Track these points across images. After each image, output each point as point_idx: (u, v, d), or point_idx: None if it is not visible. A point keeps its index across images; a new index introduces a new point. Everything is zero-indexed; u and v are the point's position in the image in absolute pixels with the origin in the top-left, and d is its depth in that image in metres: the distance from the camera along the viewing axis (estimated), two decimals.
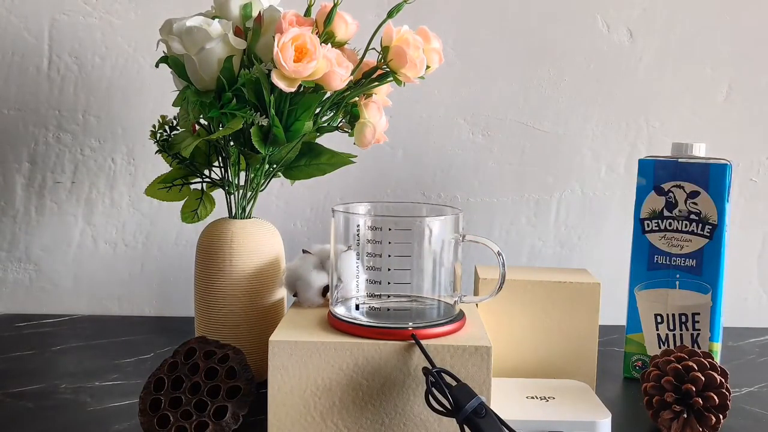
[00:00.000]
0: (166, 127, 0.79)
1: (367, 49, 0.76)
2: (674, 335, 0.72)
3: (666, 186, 0.72)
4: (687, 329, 0.72)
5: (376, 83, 0.77)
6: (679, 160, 0.72)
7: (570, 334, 0.75)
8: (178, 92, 0.79)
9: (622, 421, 0.70)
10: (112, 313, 1.06)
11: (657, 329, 0.73)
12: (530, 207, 1.09)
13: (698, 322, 0.71)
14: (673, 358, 0.68)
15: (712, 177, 0.70)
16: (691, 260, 0.71)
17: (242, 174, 0.80)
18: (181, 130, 0.79)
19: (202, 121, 0.78)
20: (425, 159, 1.07)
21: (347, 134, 0.80)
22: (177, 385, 0.63)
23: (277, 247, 0.79)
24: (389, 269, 0.61)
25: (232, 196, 0.80)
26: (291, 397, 0.60)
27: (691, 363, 0.66)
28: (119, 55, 1.03)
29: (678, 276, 0.71)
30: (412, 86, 0.79)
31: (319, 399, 0.60)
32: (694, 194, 0.70)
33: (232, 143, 0.78)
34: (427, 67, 0.76)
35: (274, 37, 0.69)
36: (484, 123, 1.07)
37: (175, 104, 0.79)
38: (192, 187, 0.81)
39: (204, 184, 0.82)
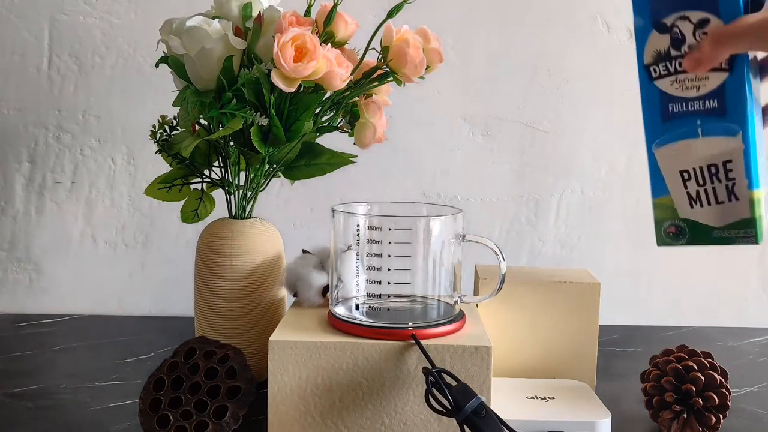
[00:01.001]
0: (166, 127, 0.79)
1: (367, 49, 0.76)
2: (706, 191, 0.60)
3: (668, 20, 0.59)
4: (720, 181, 0.59)
5: (376, 83, 0.77)
6: None
7: (570, 334, 0.75)
8: (178, 92, 0.79)
9: (622, 421, 0.70)
10: (112, 313, 1.06)
11: (686, 187, 0.61)
12: (530, 207, 1.09)
13: (731, 170, 0.58)
14: (673, 358, 0.68)
15: None
16: (711, 101, 0.58)
17: (242, 174, 0.80)
18: (181, 130, 0.79)
19: (202, 121, 0.78)
20: (425, 159, 1.07)
21: (347, 134, 0.80)
22: (177, 385, 0.63)
23: (277, 247, 0.79)
24: (389, 269, 0.61)
25: (232, 196, 0.80)
26: (291, 397, 0.60)
27: (691, 363, 0.66)
28: (119, 55, 1.03)
29: (699, 122, 0.59)
30: (412, 86, 0.79)
31: (319, 399, 0.60)
32: (702, 23, 0.57)
33: (232, 143, 0.78)
34: (427, 67, 0.76)
35: (274, 37, 0.69)
36: (484, 123, 1.07)
37: (175, 104, 0.79)
38: (192, 187, 0.81)
39: (204, 184, 0.82)
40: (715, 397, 0.64)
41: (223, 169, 0.80)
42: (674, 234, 0.64)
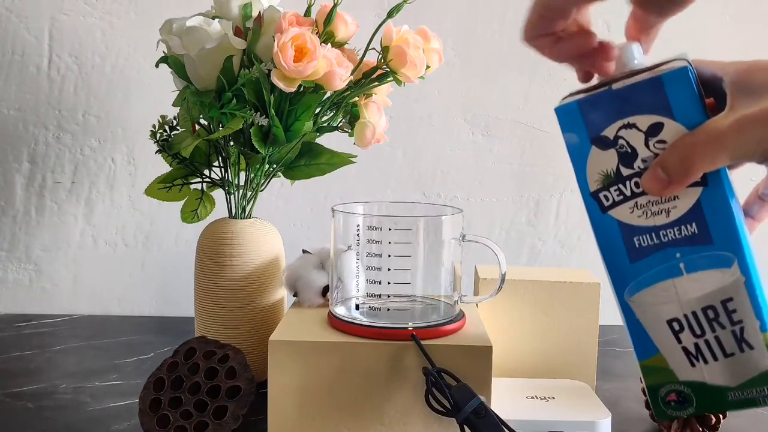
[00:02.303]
0: (166, 127, 0.79)
1: (367, 49, 0.76)
2: (707, 342, 0.45)
3: (609, 132, 0.45)
4: (723, 327, 0.44)
5: (376, 83, 0.77)
6: (613, 86, 0.44)
7: (570, 334, 0.75)
8: (178, 92, 0.79)
9: (622, 421, 0.70)
10: (112, 313, 1.06)
11: (679, 341, 0.46)
12: (530, 207, 1.09)
13: (734, 311, 0.44)
14: None
15: (671, 93, 0.43)
16: (689, 226, 0.44)
17: (242, 174, 0.80)
18: (181, 130, 0.79)
19: (202, 121, 0.78)
20: (425, 159, 1.07)
21: (347, 134, 0.80)
22: (177, 385, 0.63)
23: (277, 247, 0.79)
24: (389, 269, 0.61)
25: (232, 196, 0.80)
26: (291, 397, 0.60)
27: None
28: (119, 55, 1.03)
29: (679, 255, 0.45)
30: (412, 86, 0.79)
31: (319, 399, 0.60)
32: (655, 129, 0.43)
33: (232, 143, 0.78)
34: (427, 67, 0.76)
35: (274, 37, 0.69)
36: (484, 123, 1.07)
37: (175, 104, 0.79)
38: (192, 187, 0.81)
39: (204, 184, 0.82)
40: None
41: (223, 169, 0.80)
42: (676, 402, 0.48)
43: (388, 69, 0.75)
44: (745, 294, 0.44)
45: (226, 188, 0.80)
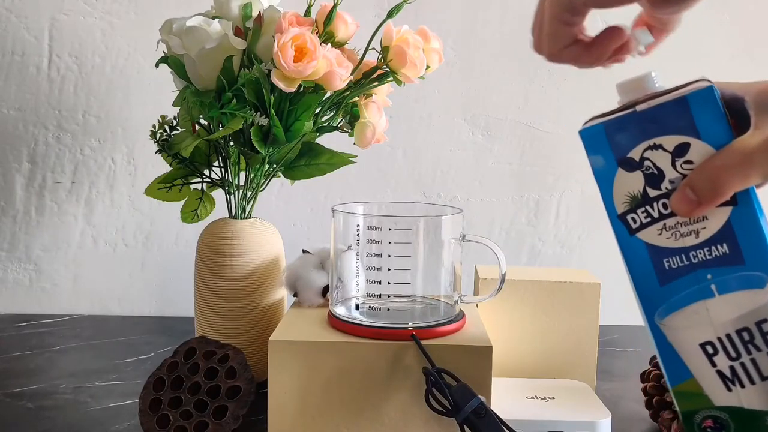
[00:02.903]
0: (166, 127, 0.79)
1: (367, 49, 0.76)
2: (743, 365, 0.44)
3: (635, 154, 0.45)
4: (759, 349, 0.43)
5: (376, 83, 0.77)
6: (638, 108, 0.44)
7: (570, 334, 0.75)
8: (178, 92, 0.79)
9: (622, 421, 0.70)
10: (112, 313, 1.06)
11: (714, 365, 0.45)
12: (530, 207, 1.09)
13: None
14: None
15: (697, 112, 0.43)
16: (719, 247, 0.44)
17: (242, 174, 0.80)
18: (181, 130, 0.79)
19: (202, 121, 0.78)
20: (425, 159, 1.07)
21: (347, 134, 0.80)
22: (177, 385, 0.63)
23: (277, 247, 0.79)
24: (389, 269, 0.61)
25: (232, 196, 0.80)
26: (291, 397, 0.60)
27: None
28: (119, 55, 1.03)
29: (710, 276, 0.44)
30: (412, 86, 0.79)
31: (319, 399, 0.60)
32: (681, 150, 0.43)
33: (232, 143, 0.78)
34: (427, 67, 0.76)
35: (274, 37, 0.69)
36: (484, 123, 1.07)
37: (175, 104, 0.79)
38: (192, 187, 0.81)
39: (204, 184, 0.82)
40: None
41: (223, 169, 0.80)
42: (713, 429, 0.47)
43: (388, 69, 0.75)
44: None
45: (226, 188, 0.80)
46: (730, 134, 0.42)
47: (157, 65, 0.79)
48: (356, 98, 0.78)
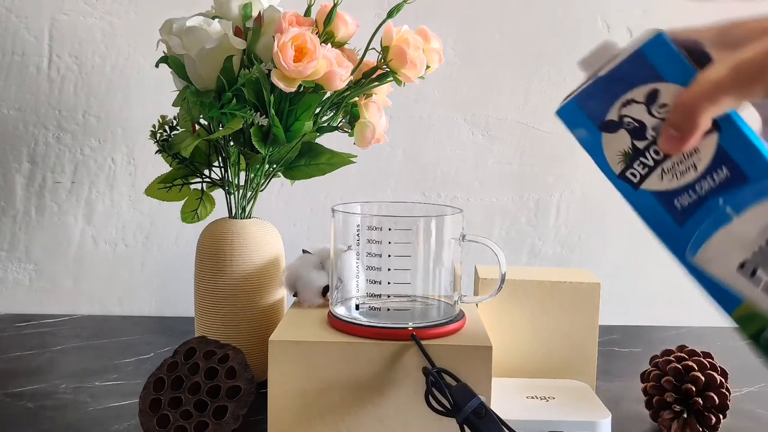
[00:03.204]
0: (166, 127, 0.79)
1: (367, 49, 0.76)
2: None
3: (612, 115, 0.46)
4: None
5: (376, 83, 0.77)
6: (600, 73, 0.46)
7: (570, 334, 0.75)
8: (178, 92, 0.79)
9: (622, 421, 0.70)
10: (112, 313, 1.06)
11: (758, 282, 0.45)
12: (530, 207, 1.09)
13: None
14: (673, 358, 0.68)
15: (655, 59, 0.45)
16: (720, 172, 0.45)
17: (242, 174, 0.80)
18: (181, 130, 0.79)
19: (202, 121, 0.78)
20: (425, 159, 1.07)
21: (347, 134, 0.80)
22: (177, 385, 0.63)
23: (277, 247, 0.79)
24: (389, 269, 0.61)
25: (232, 196, 0.80)
26: (291, 397, 0.60)
27: (691, 363, 0.66)
28: (119, 55, 1.03)
29: (722, 201, 0.45)
30: (412, 86, 0.79)
31: (319, 399, 0.60)
32: (653, 97, 0.45)
33: (232, 143, 0.78)
34: (427, 67, 0.76)
35: (274, 37, 0.69)
36: (484, 123, 1.07)
37: (175, 104, 0.79)
38: (192, 187, 0.81)
39: (204, 184, 0.82)
40: (715, 397, 0.64)
41: (223, 169, 0.80)
42: None
43: (388, 69, 0.75)
44: None
45: (226, 188, 0.80)
46: (693, 69, 0.44)
47: (157, 65, 0.79)
48: (356, 98, 0.78)
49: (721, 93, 0.42)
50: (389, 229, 0.61)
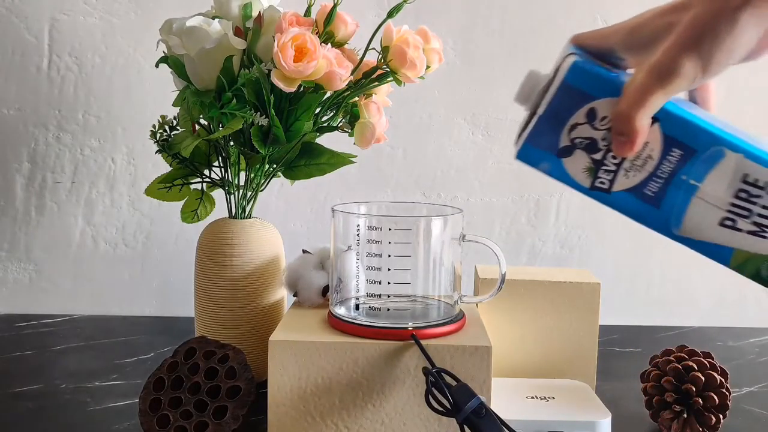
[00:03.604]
0: (166, 127, 0.79)
1: (367, 49, 0.76)
2: (759, 214, 0.50)
3: (564, 141, 0.51)
4: (758, 195, 0.50)
5: (376, 83, 0.76)
6: (539, 111, 0.51)
7: (570, 334, 0.75)
8: (178, 92, 0.79)
9: (622, 421, 0.70)
10: (112, 313, 1.06)
11: (740, 230, 0.51)
12: (530, 207, 1.09)
13: (756, 180, 0.50)
14: (673, 358, 0.68)
15: (581, 84, 0.50)
16: (672, 153, 0.50)
17: (242, 174, 0.80)
18: (181, 130, 0.79)
19: (202, 121, 0.78)
20: (425, 159, 1.07)
21: (347, 134, 0.80)
22: (177, 385, 0.63)
23: (277, 247, 0.79)
24: (389, 269, 0.61)
25: (232, 196, 0.80)
26: (291, 397, 0.60)
27: (691, 363, 0.66)
28: (119, 55, 1.03)
29: (684, 176, 0.51)
30: (412, 86, 0.79)
31: (319, 399, 0.60)
32: (592, 115, 0.50)
33: (232, 143, 0.78)
34: (427, 67, 0.76)
35: (274, 37, 0.69)
36: (484, 123, 1.07)
37: (175, 104, 0.79)
38: (192, 187, 0.81)
39: (204, 184, 0.82)
40: (715, 397, 0.64)
41: (223, 169, 0.80)
42: None
43: (388, 69, 0.75)
44: (751, 163, 0.49)
45: (226, 188, 0.80)
46: (614, 76, 0.49)
47: (157, 65, 0.79)
48: (356, 98, 0.78)
49: (648, 96, 0.46)
50: (389, 229, 0.61)
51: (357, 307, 0.63)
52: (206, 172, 0.81)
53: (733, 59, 0.46)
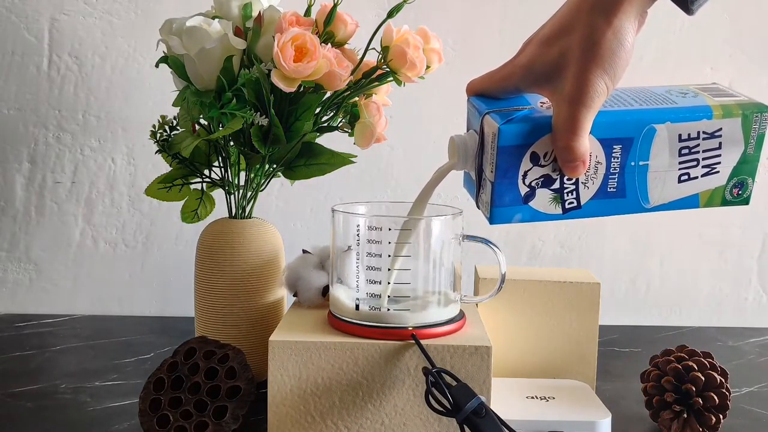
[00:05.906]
0: (166, 127, 0.79)
1: (367, 49, 0.76)
2: (697, 160, 0.57)
3: (522, 190, 0.55)
4: (696, 147, 0.57)
5: (376, 83, 0.77)
6: (488, 179, 0.56)
7: (570, 334, 0.75)
8: (178, 92, 0.79)
9: (622, 421, 0.70)
10: (112, 313, 1.06)
11: (696, 179, 0.58)
12: None
13: (697, 135, 0.56)
14: (673, 358, 0.68)
15: (514, 141, 0.54)
16: (614, 150, 0.55)
17: (242, 174, 0.80)
18: (181, 130, 0.79)
19: (202, 121, 0.78)
20: (425, 159, 1.07)
21: (347, 134, 0.80)
22: (177, 385, 0.63)
23: (277, 247, 0.79)
24: (389, 269, 0.61)
25: (232, 196, 0.80)
26: (291, 397, 0.60)
27: (691, 363, 0.66)
28: (119, 55, 1.03)
29: (633, 162, 0.56)
30: (412, 86, 0.79)
31: (319, 399, 0.60)
32: (536, 158, 0.54)
33: (232, 143, 0.78)
34: (427, 67, 0.76)
35: (274, 37, 0.69)
36: None
37: (175, 104, 0.79)
38: (192, 187, 0.81)
39: (204, 184, 0.82)
40: (715, 397, 0.64)
41: (223, 169, 0.80)
42: (739, 186, 0.60)
43: (388, 69, 0.75)
44: (679, 124, 0.56)
45: (226, 188, 0.80)
46: (532, 113, 0.55)
47: (157, 65, 0.79)
48: (356, 98, 0.78)
49: (578, 123, 0.51)
50: (389, 229, 0.61)
51: (357, 307, 0.63)
52: (206, 172, 0.81)
53: (630, 59, 0.52)
